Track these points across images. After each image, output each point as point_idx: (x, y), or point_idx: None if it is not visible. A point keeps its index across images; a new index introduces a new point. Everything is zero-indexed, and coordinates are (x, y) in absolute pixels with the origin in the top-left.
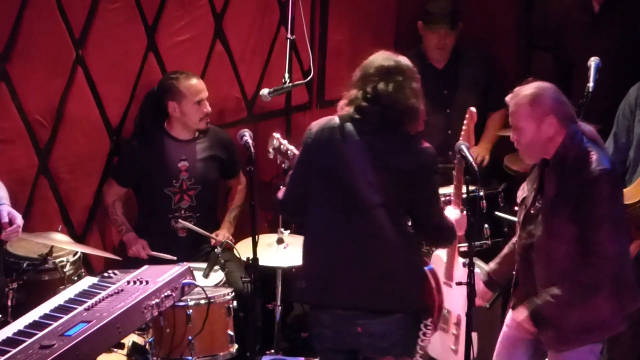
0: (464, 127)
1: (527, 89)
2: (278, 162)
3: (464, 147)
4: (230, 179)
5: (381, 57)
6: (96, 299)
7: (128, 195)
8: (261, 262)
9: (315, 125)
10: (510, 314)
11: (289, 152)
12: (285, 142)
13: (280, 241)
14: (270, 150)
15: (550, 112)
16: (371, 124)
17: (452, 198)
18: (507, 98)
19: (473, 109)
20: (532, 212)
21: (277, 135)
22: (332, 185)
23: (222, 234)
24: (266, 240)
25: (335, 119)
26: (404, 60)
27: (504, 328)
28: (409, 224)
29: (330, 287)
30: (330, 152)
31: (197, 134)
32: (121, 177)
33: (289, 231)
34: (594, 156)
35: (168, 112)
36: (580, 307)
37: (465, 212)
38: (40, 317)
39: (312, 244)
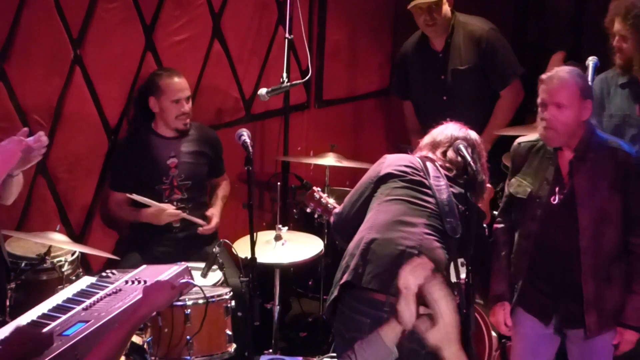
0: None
1: (571, 70)
2: (315, 217)
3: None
4: (215, 177)
5: (452, 127)
6: (94, 298)
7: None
8: (259, 260)
9: (391, 155)
10: (519, 312)
11: (329, 205)
12: (325, 195)
13: (278, 238)
14: (310, 204)
15: (589, 96)
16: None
17: None
18: (547, 75)
19: (489, 186)
20: (553, 203)
21: (317, 189)
22: (412, 197)
23: (214, 220)
24: (264, 237)
25: (414, 157)
26: (474, 134)
27: (518, 328)
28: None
29: (390, 277)
30: (410, 174)
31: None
32: (121, 186)
33: (286, 228)
34: (615, 142)
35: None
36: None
37: None
38: (39, 317)
39: (376, 235)
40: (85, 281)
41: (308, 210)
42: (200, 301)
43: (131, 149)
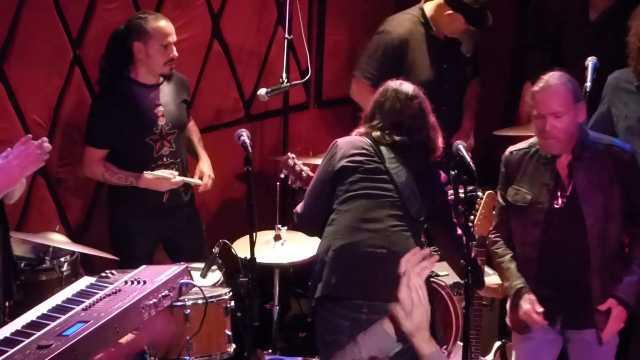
0: (482, 211)
1: (560, 76)
2: (289, 183)
3: (461, 147)
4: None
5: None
6: (94, 299)
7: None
8: (258, 260)
9: (342, 141)
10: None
11: (302, 172)
12: (300, 162)
13: (277, 238)
14: (284, 170)
15: (581, 97)
16: (400, 147)
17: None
18: (539, 86)
19: (491, 192)
20: (556, 207)
21: (292, 155)
22: (371, 189)
23: (207, 172)
24: (263, 237)
25: (364, 138)
26: (408, 85)
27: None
28: None
29: (364, 281)
30: (365, 163)
31: (161, 79)
32: (101, 141)
33: (286, 228)
34: (608, 138)
35: (133, 55)
36: None
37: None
38: (38, 317)
39: (343, 241)
40: (85, 281)
41: (281, 175)
42: (200, 301)
43: (113, 101)
